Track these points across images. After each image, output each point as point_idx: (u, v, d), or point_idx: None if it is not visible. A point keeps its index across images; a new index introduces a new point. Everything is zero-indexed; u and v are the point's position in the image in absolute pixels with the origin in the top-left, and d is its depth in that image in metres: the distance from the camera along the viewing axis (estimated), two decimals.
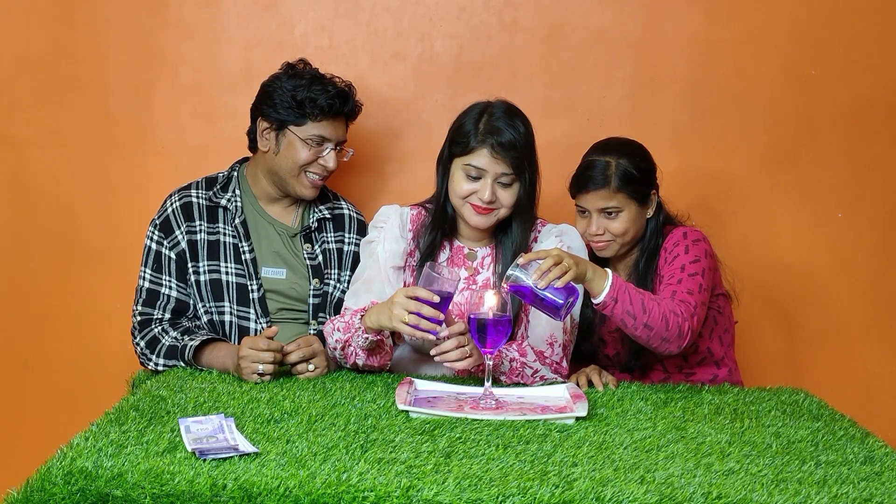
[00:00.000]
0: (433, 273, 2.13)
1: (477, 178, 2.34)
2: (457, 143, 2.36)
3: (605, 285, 2.21)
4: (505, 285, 2.13)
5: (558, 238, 2.45)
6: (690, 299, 2.34)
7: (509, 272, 2.13)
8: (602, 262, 2.52)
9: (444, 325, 2.16)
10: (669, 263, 2.44)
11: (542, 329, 2.39)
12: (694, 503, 1.57)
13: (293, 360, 2.32)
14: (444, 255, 2.47)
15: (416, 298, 2.12)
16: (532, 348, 2.36)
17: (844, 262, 3.07)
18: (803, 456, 1.83)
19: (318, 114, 2.54)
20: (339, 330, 2.32)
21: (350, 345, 2.30)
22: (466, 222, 2.41)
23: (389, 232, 2.47)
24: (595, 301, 2.24)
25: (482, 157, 2.33)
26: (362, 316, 2.26)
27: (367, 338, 2.26)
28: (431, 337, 2.15)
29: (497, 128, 2.33)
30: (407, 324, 2.12)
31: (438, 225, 2.45)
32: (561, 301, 2.12)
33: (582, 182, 2.47)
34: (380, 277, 2.44)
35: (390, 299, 2.18)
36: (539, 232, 2.48)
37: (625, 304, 2.23)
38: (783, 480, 1.68)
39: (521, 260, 2.14)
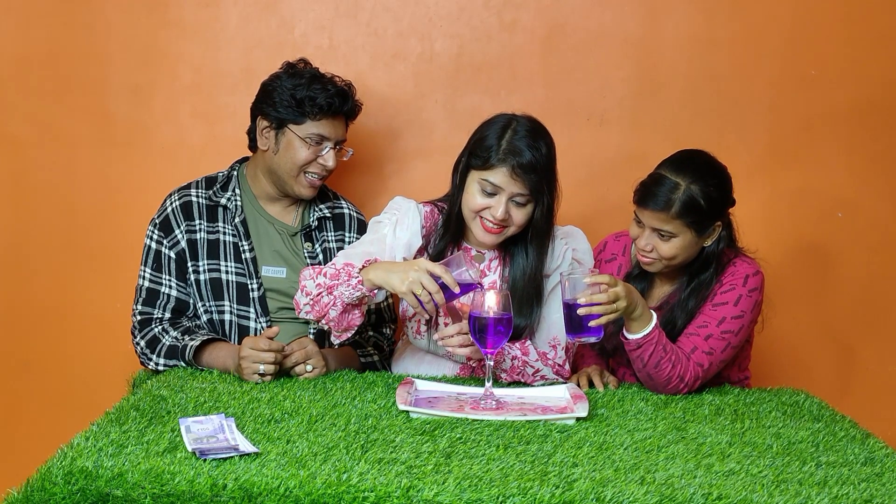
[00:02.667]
0: (463, 265, 2.12)
1: (492, 195, 2.29)
2: (476, 157, 2.31)
3: (640, 331, 2.25)
4: (563, 278, 2.17)
5: (564, 241, 2.44)
6: (706, 362, 2.32)
7: (571, 274, 2.17)
8: (649, 274, 2.49)
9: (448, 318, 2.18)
10: (713, 306, 2.38)
11: (547, 330, 2.39)
12: (694, 503, 1.57)
13: (288, 364, 2.33)
14: (449, 254, 2.46)
15: (438, 279, 2.11)
16: (535, 348, 2.36)
17: (844, 262, 3.07)
18: (804, 457, 1.83)
19: (317, 112, 2.54)
20: (324, 275, 2.23)
21: (332, 293, 2.22)
22: (474, 236, 2.39)
23: (406, 223, 2.42)
24: (624, 333, 2.27)
25: (500, 176, 2.27)
26: (363, 268, 2.22)
27: (359, 289, 2.19)
28: (426, 316, 2.16)
29: (519, 148, 2.27)
30: (416, 297, 2.10)
31: (451, 233, 2.42)
32: (580, 332, 2.15)
33: (644, 197, 2.36)
34: (381, 256, 2.36)
35: (410, 265, 2.14)
36: None
37: (644, 354, 2.26)
38: (784, 481, 1.68)
39: (588, 279, 2.14)
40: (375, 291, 2.21)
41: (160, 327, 2.50)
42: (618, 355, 2.55)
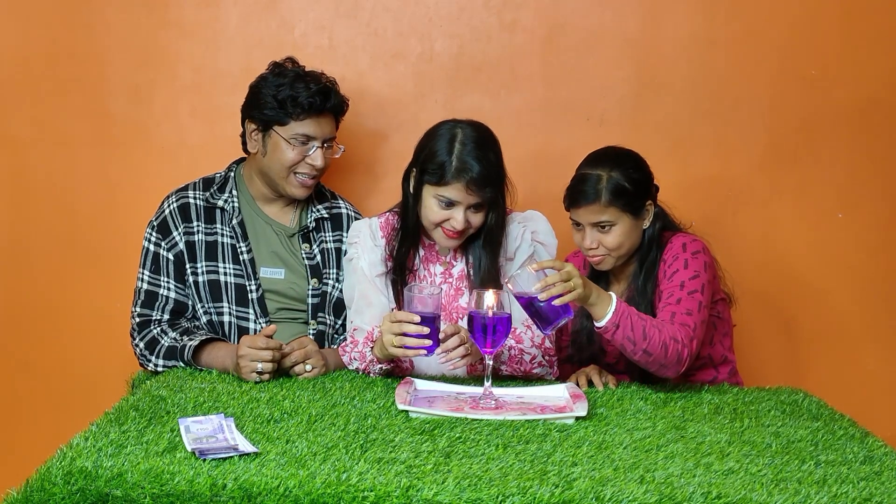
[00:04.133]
0: (412, 294, 2.16)
1: (450, 206, 2.36)
2: (429, 173, 2.36)
3: (608, 311, 2.23)
4: (508, 285, 2.14)
5: (522, 225, 2.49)
6: (690, 321, 2.32)
7: (517, 272, 2.15)
8: (602, 273, 2.52)
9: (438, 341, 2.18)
10: (669, 279, 2.42)
11: (518, 312, 2.41)
12: (693, 503, 1.57)
13: (288, 364, 2.33)
14: (417, 256, 2.51)
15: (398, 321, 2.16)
16: (525, 334, 2.39)
17: (844, 262, 3.07)
18: (803, 455, 1.83)
19: (300, 112, 2.53)
20: (356, 359, 2.38)
21: (369, 371, 2.36)
22: (437, 242, 2.46)
23: (363, 244, 2.50)
24: (597, 325, 2.26)
25: (455, 192, 2.33)
26: (372, 347, 2.32)
27: (381, 367, 2.33)
28: (423, 352, 2.17)
29: (469, 164, 2.32)
30: (398, 346, 2.15)
31: (410, 240, 2.47)
32: (552, 319, 2.13)
33: (573, 197, 2.45)
34: (373, 289, 2.47)
35: (382, 332, 2.22)
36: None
37: (626, 330, 2.24)
38: (783, 480, 1.68)
39: (533, 266, 2.14)
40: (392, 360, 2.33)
41: (159, 329, 2.50)
42: (601, 362, 2.55)
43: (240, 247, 2.58)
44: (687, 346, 2.28)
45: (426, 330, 2.13)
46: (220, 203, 2.61)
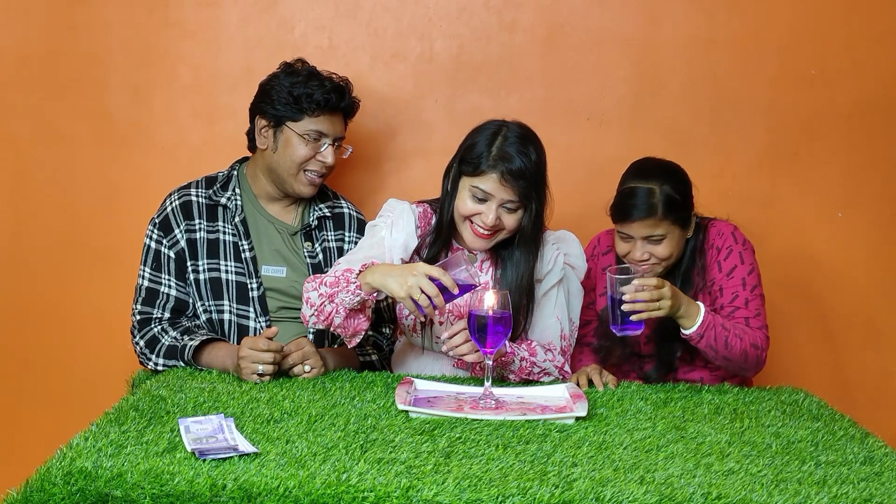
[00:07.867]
0: (464, 263, 2.13)
1: (483, 200, 2.31)
2: (467, 163, 2.32)
3: (695, 323, 2.34)
4: (609, 272, 2.26)
5: (556, 246, 2.45)
6: (762, 322, 2.45)
7: (619, 273, 2.26)
8: None
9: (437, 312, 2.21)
10: (728, 275, 2.47)
11: (540, 335, 2.41)
12: (693, 503, 1.57)
13: (286, 365, 2.33)
14: (443, 258, 2.46)
15: (437, 282, 2.11)
16: (541, 347, 2.36)
17: (844, 261, 3.07)
18: (803, 456, 1.83)
19: (314, 108, 2.54)
20: (325, 284, 2.25)
21: (333, 301, 2.24)
22: (465, 240, 2.39)
23: (401, 224, 2.43)
24: (683, 332, 2.36)
25: (490, 182, 2.28)
26: (360, 272, 2.22)
27: (358, 294, 2.20)
28: (421, 317, 2.20)
29: (509, 154, 2.28)
30: (415, 302, 2.11)
31: (442, 238, 2.42)
32: (624, 325, 2.26)
33: (626, 211, 2.42)
34: (383, 259, 2.37)
35: (408, 269, 2.14)
36: None
37: (709, 339, 2.35)
38: (783, 480, 1.68)
39: (637, 281, 2.24)
40: (375, 295, 2.23)
41: (159, 327, 2.50)
42: (611, 363, 2.55)
43: (242, 245, 2.59)
44: (765, 351, 2.43)
45: (446, 307, 2.17)
46: (223, 201, 2.61)
